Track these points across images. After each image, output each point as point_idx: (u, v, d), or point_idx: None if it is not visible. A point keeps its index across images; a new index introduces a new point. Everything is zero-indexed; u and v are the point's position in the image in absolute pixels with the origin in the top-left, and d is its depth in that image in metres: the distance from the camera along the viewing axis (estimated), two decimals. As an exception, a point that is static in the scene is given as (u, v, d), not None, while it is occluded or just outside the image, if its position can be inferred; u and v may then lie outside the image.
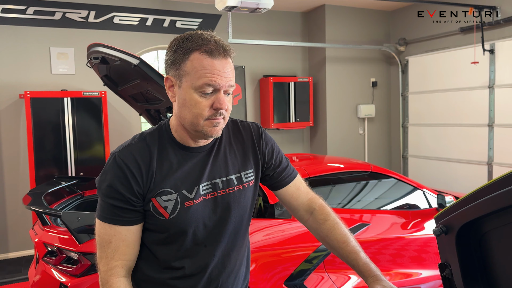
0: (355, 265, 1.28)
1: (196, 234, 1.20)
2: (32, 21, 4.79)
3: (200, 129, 1.15)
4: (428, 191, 3.39)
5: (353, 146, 6.38)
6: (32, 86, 4.80)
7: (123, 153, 1.16)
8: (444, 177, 5.76)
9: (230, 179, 1.26)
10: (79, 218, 2.46)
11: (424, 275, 3.17)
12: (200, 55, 1.12)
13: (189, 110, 1.14)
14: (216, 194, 1.23)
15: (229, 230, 1.25)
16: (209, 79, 1.11)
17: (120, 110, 5.16)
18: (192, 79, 1.13)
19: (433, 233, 1.13)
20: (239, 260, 1.31)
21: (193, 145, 1.22)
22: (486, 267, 1.05)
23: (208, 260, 1.22)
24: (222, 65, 1.13)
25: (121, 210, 1.14)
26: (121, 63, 2.77)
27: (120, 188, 1.13)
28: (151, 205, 1.16)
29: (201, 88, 1.12)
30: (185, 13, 5.45)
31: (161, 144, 1.20)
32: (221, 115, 1.15)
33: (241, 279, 1.33)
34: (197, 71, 1.12)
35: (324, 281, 2.90)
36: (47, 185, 3.59)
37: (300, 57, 6.37)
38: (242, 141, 1.32)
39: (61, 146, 4.49)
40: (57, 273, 2.52)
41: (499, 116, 5.06)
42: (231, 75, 1.16)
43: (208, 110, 1.14)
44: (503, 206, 0.94)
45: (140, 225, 1.18)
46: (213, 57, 1.12)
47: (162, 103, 3.10)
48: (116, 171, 1.14)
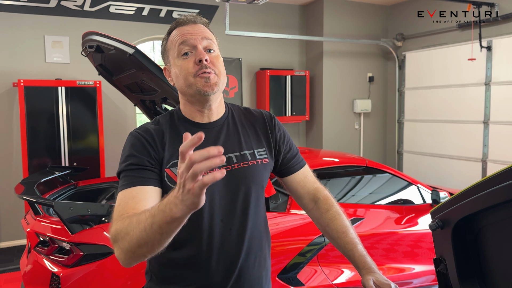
0: (351, 256, 1.27)
1: (212, 207, 1.19)
2: (26, 9, 4.72)
3: (195, 89, 1.18)
4: (423, 187, 3.40)
5: (349, 141, 6.38)
6: (26, 75, 4.74)
7: (139, 128, 1.24)
8: (439, 173, 5.78)
9: (244, 154, 1.27)
10: (71, 208, 2.44)
11: (416, 270, 3.19)
12: (174, 31, 1.24)
13: (180, 76, 1.20)
14: (230, 167, 1.23)
15: (244, 204, 1.24)
16: (182, 39, 1.20)
17: (115, 100, 5.12)
18: (172, 52, 1.23)
19: (429, 227, 1.12)
20: (258, 240, 1.28)
21: (203, 121, 1.26)
22: (481, 262, 1.05)
23: (226, 235, 1.20)
24: (192, 26, 1.22)
25: (137, 171, 1.14)
26: (116, 52, 2.74)
27: (136, 152, 1.16)
28: (166, 176, 1.17)
29: (180, 52, 1.20)
30: (182, 3, 5.40)
31: (173, 123, 1.26)
32: (207, 69, 1.18)
33: (262, 261, 1.30)
34: (173, 42, 1.23)
35: (317, 275, 2.90)
36: (40, 174, 3.57)
37: (298, 51, 6.34)
38: (254, 123, 1.34)
39: (55, 136, 4.45)
40: (49, 263, 2.50)
41: (494, 113, 5.07)
42: (204, 31, 1.23)
43: (193, 67, 1.18)
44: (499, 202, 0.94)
45: (158, 190, 1.14)
46: (183, 25, 1.23)
47: (157, 93, 3.07)
48: (133, 141, 1.19)
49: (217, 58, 1.22)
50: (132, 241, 0.95)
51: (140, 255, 0.97)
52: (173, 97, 2.87)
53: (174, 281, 1.21)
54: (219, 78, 1.20)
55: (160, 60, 5.88)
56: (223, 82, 1.23)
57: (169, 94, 2.88)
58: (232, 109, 1.34)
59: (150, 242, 0.93)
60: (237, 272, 1.22)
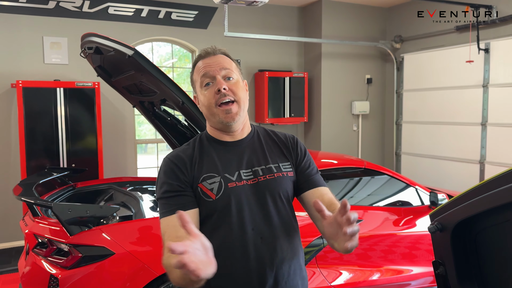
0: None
1: (242, 216, 1.27)
2: (25, 10, 4.72)
3: (218, 118, 1.32)
4: (421, 189, 3.41)
5: (347, 142, 6.39)
6: (24, 76, 4.73)
7: (170, 154, 1.36)
8: (437, 175, 5.79)
9: (270, 167, 1.35)
10: (70, 210, 2.43)
11: (415, 271, 3.19)
12: (197, 63, 1.38)
13: (204, 105, 1.34)
14: (257, 180, 1.32)
15: (272, 214, 1.30)
16: (203, 71, 1.34)
17: (114, 101, 5.12)
18: (197, 83, 1.37)
19: (428, 230, 1.12)
20: (291, 249, 1.32)
21: (230, 140, 1.37)
22: (480, 264, 1.05)
23: (258, 244, 1.26)
24: (211, 58, 1.35)
25: (172, 199, 1.26)
26: (115, 54, 2.73)
27: (169, 180, 1.29)
28: (200, 191, 1.28)
29: (202, 83, 1.34)
30: (180, 5, 5.40)
31: (202, 143, 1.39)
32: (226, 96, 1.29)
33: (297, 269, 1.33)
34: (197, 73, 1.36)
35: (315, 276, 2.91)
36: (38, 175, 3.56)
37: (296, 52, 6.35)
38: (279, 142, 1.44)
39: (53, 137, 4.44)
40: (47, 264, 2.50)
41: (492, 115, 5.09)
42: (223, 61, 1.35)
43: (214, 96, 1.31)
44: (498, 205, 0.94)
45: (193, 211, 1.27)
46: (204, 58, 1.37)
47: (156, 95, 3.07)
48: (166, 169, 1.32)
49: (236, 85, 1.34)
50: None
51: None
52: (172, 98, 2.87)
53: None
54: (239, 107, 1.33)
55: (159, 62, 5.89)
56: (244, 108, 1.36)
57: (168, 95, 2.88)
58: (257, 130, 1.46)
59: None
60: (272, 280, 1.26)
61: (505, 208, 0.92)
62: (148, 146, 6.10)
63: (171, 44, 5.77)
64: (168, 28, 5.43)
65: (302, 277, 1.36)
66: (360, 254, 3.04)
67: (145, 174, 5.78)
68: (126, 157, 5.39)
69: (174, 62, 6.01)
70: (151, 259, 2.48)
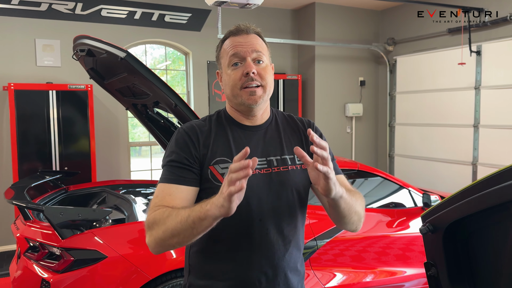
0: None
1: (251, 206, 1.23)
2: (17, 12, 4.69)
3: (240, 100, 1.26)
4: (414, 190, 3.42)
5: (341, 145, 6.40)
6: (16, 78, 4.70)
7: (186, 125, 1.32)
8: (430, 177, 5.82)
9: (285, 158, 1.31)
10: (62, 213, 2.41)
11: (408, 273, 3.20)
12: (227, 40, 1.30)
13: (228, 85, 1.28)
14: (271, 170, 1.28)
15: (283, 207, 1.27)
16: (233, 51, 1.26)
17: (107, 104, 5.09)
18: (224, 60, 1.29)
19: (420, 231, 1.13)
20: (294, 242, 1.30)
21: (248, 124, 1.32)
22: (472, 266, 1.06)
23: (263, 235, 1.24)
24: (244, 37, 1.28)
25: (177, 169, 1.23)
26: (108, 56, 2.72)
27: (179, 150, 1.25)
28: (210, 173, 1.24)
29: (230, 62, 1.27)
30: (174, 7, 5.40)
31: (220, 122, 1.33)
32: (254, 81, 1.24)
33: (297, 263, 1.32)
34: (225, 51, 1.29)
35: (309, 278, 2.90)
36: (30, 179, 3.53)
37: (290, 55, 6.36)
38: (296, 129, 1.39)
39: (46, 140, 4.41)
40: (39, 268, 2.47)
41: (484, 117, 5.13)
42: (255, 43, 1.28)
43: (241, 79, 1.25)
44: (489, 206, 0.95)
45: (193, 189, 1.24)
46: (236, 35, 1.29)
47: (149, 97, 3.06)
48: (178, 137, 1.28)
49: (265, 69, 1.29)
50: (166, 231, 1.09)
51: (169, 245, 1.12)
52: (165, 101, 2.86)
53: (213, 275, 1.26)
54: (264, 91, 1.28)
55: (152, 64, 5.88)
56: (269, 93, 1.30)
57: (161, 98, 2.87)
58: (276, 115, 1.40)
59: (182, 234, 1.07)
60: (274, 271, 1.25)
61: (496, 209, 0.92)
62: (142, 149, 6.07)
63: (165, 46, 5.76)
64: (161, 31, 5.42)
65: (301, 273, 1.35)
66: (354, 256, 3.05)
67: (139, 177, 5.75)
68: (119, 160, 5.36)
69: (168, 64, 5.99)
70: (144, 262, 2.47)
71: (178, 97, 2.72)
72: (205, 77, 5.73)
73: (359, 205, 1.24)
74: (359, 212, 1.24)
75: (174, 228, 1.08)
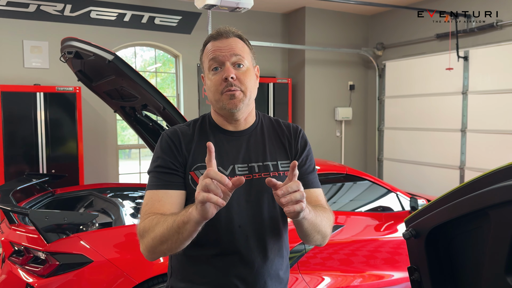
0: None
1: (231, 212, 1.23)
2: (4, 13, 4.64)
3: (221, 104, 1.26)
4: (402, 194, 3.45)
5: (330, 148, 6.43)
6: (3, 80, 4.65)
7: (169, 130, 1.32)
8: (418, 180, 5.86)
9: (267, 164, 1.30)
10: (47, 217, 2.39)
11: (396, 277, 3.22)
12: (208, 44, 1.30)
13: (210, 90, 1.28)
14: (251, 176, 1.27)
15: (263, 214, 1.27)
16: (212, 55, 1.26)
17: (95, 106, 5.06)
18: (205, 64, 1.29)
19: (403, 236, 1.14)
20: (276, 249, 1.30)
21: (232, 129, 1.32)
22: (454, 270, 1.07)
23: (243, 241, 1.24)
24: (223, 42, 1.27)
25: (163, 175, 1.24)
26: (96, 59, 2.71)
27: (164, 155, 1.26)
28: (190, 179, 1.25)
29: (210, 67, 1.27)
30: (164, 10, 5.39)
31: (203, 127, 1.34)
32: (233, 86, 1.23)
33: (279, 270, 1.31)
34: (206, 55, 1.29)
35: (298, 282, 2.90)
36: (16, 181, 3.49)
37: (280, 58, 6.38)
38: (281, 135, 1.38)
39: (33, 142, 4.36)
40: (24, 273, 2.44)
41: (471, 122, 5.19)
42: (235, 46, 1.27)
43: (221, 84, 1.24)
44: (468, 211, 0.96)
45: (180, 192, 1.24)
46: (216, 40, 1.28)
47: (137, 100, 3.05)
48: (162, 143, 1.29)
49: (245, 73, 1.27)
50: (155, 238, 1.10)
51: (160, 252, 1.13)
52: (153, 103, 2.85)
53: (193, 279, 1.27)
54: (244, 95, 1.26)
55: (142, 67, 5.85)
56: (251, 97, 1.29)
57: (149, 100, 2.86)
58: (262, 120, 1.39)
59: (169, 240, 1.08)
60: (253, 278, 1.25)
61: (476, 214, 0.93)
62: (132, 152, 6.04)
63: (155, 49, 5.74)
64: (151, 33, 5.40)
65: (284, 280, 1.34)
66: (342, 259, 3.06)
67: (127, 180, 5.71)
68: (107, 162, 5.32)
69: (158, 67, 5.97)
70: (131, 266, 2.45)
71: (166, 100, 2.71)
72: (195, 80, 5.72)
73: (324, 224, 1.24)
74: (323, 232, 1.24)
75: (162, 234, 1.09)
